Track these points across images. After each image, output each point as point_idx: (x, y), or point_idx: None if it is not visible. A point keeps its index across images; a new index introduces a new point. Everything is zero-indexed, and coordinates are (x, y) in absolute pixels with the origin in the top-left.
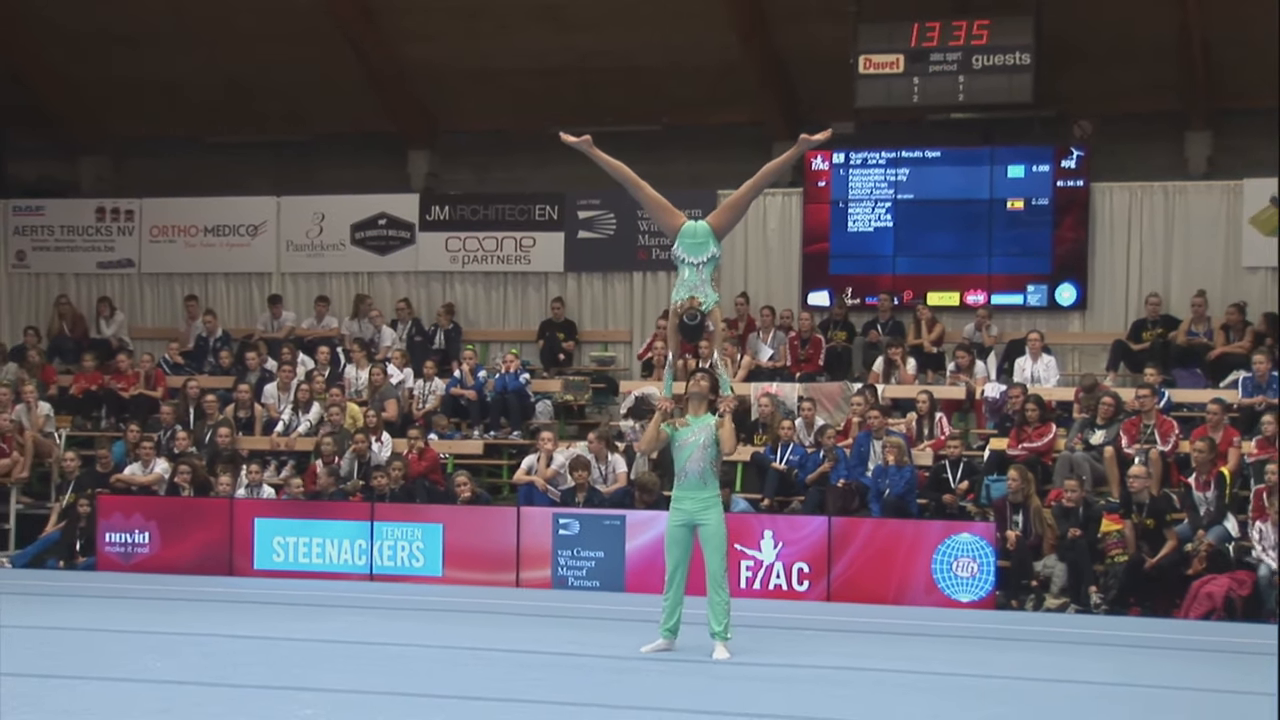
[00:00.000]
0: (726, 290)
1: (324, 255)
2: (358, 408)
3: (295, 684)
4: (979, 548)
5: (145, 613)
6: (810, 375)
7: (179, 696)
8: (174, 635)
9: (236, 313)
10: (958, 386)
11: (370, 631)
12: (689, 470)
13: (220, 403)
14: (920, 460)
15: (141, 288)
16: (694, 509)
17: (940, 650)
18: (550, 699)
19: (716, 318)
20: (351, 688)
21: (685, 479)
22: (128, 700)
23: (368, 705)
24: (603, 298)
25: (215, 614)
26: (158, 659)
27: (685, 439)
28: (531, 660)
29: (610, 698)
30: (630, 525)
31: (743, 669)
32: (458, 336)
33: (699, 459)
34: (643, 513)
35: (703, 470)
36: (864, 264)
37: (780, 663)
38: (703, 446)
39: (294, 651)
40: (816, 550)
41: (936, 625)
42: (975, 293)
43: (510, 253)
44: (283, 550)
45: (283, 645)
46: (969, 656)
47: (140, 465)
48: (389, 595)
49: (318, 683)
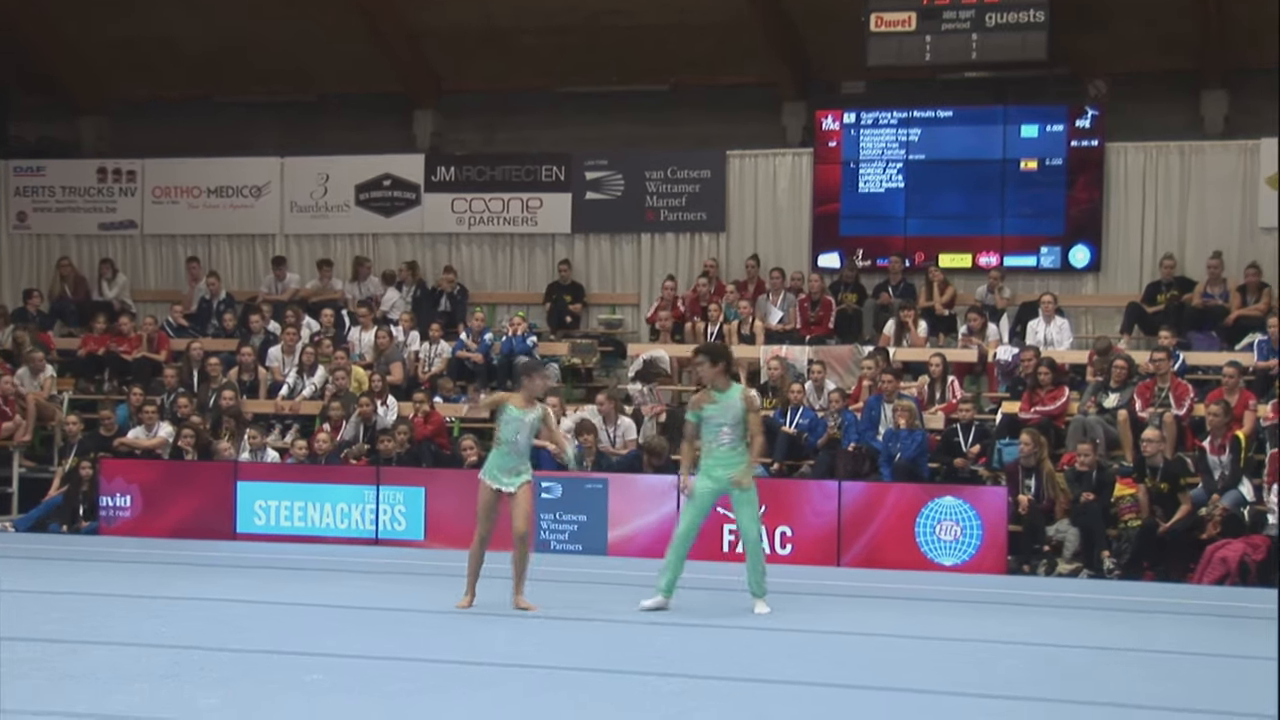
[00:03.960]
0: (735, 252)
1: (328, 217)
2: (363, 371)
3: (300, 649)
4: (962, 511)
5: (147, 577)
6: (820, 338)
7: (183, 661)
8: (177, 600)
9: (240, 275)
10: (970, 349)
11: (374, 596)
12: (720, 440)
13: (224, 366)
14: (931, 424)
15: (144, 249)
16: (726, 477)
17: (948, 616)
18: (563, 664)
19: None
20: (357, 652)
21: (717, 449)
22: (131, 665)
23: (374, 670)
24: (610, 260)
25: (218, 578)
26: (161, 623)
27: (713, 414)
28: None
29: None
30: (613, 489)
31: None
32: (463, 299)
33: (729, 432)
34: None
35: (734, 441)
36: (875, 225)
37: (794, 627)
38: (731, 423)
39: (298, 616)
40: (796, 514)
41: (941, 590)
42: (988, 254)
43: (516, 214)
44: (284, 514)
45: (286, 610)
46: (980, 622)
47: (143, 429)
48: (392, 560)
49: (323, 647)
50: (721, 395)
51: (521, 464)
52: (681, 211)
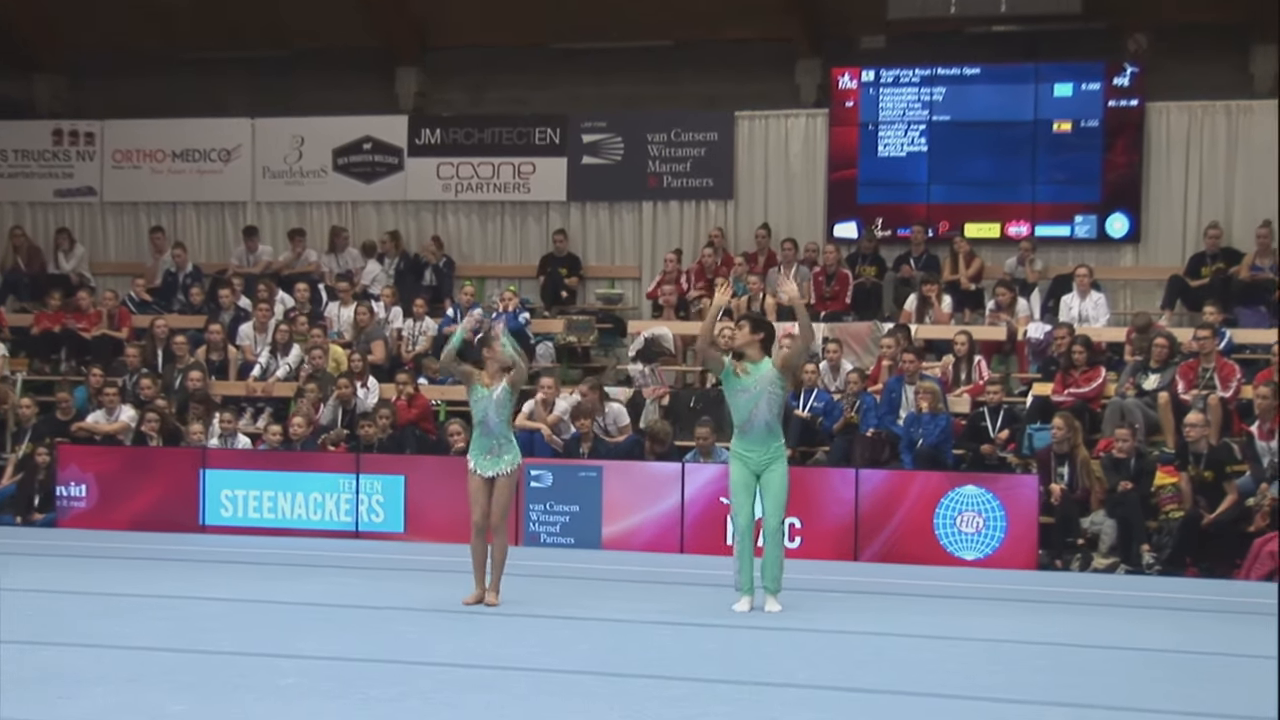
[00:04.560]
0: (745, 219)
1: (303, 183)
2: (341, 350)
3: (273, 650)
4: (985, 502)
5: (107, 572)
6: (837, 314)
7: (148, 663)
8: (140, 597)
9: (208, 246)
10: (998, 326)
11: (353, 593)
12: (754, 421)
13: (191, 344)
14: (956, 407)
15: (104, 218)
16: (759, 462)
17: (973, 615)
18: (558, 666)
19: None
20: (334, 654)
21: (749, 431)
22: (91, 667)
23: (354, 673)
24: (609, 229)
25: (184, 574)
26: (123, 622)
27: (746, 386)
28: (527, 625)
29: (626, 663)
30: (609, 477)
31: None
32: (450, 272)
33: (764, 409)
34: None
35: (769, 420)
36: (895, 192)
37: (807, 627)
38: (767, 395)
39: (270, 615)
40: (806, 504)
41: (965, 587)
42: (1018, 224)
43: (508, 180)
44: (253, 505)
45: (258, 608)
46: (1007, 622)
47: (104, 412)
48: (372, 554)
49: (298, 649)
50: (755, 367)
51: (499, 444)
52: (686, 178)
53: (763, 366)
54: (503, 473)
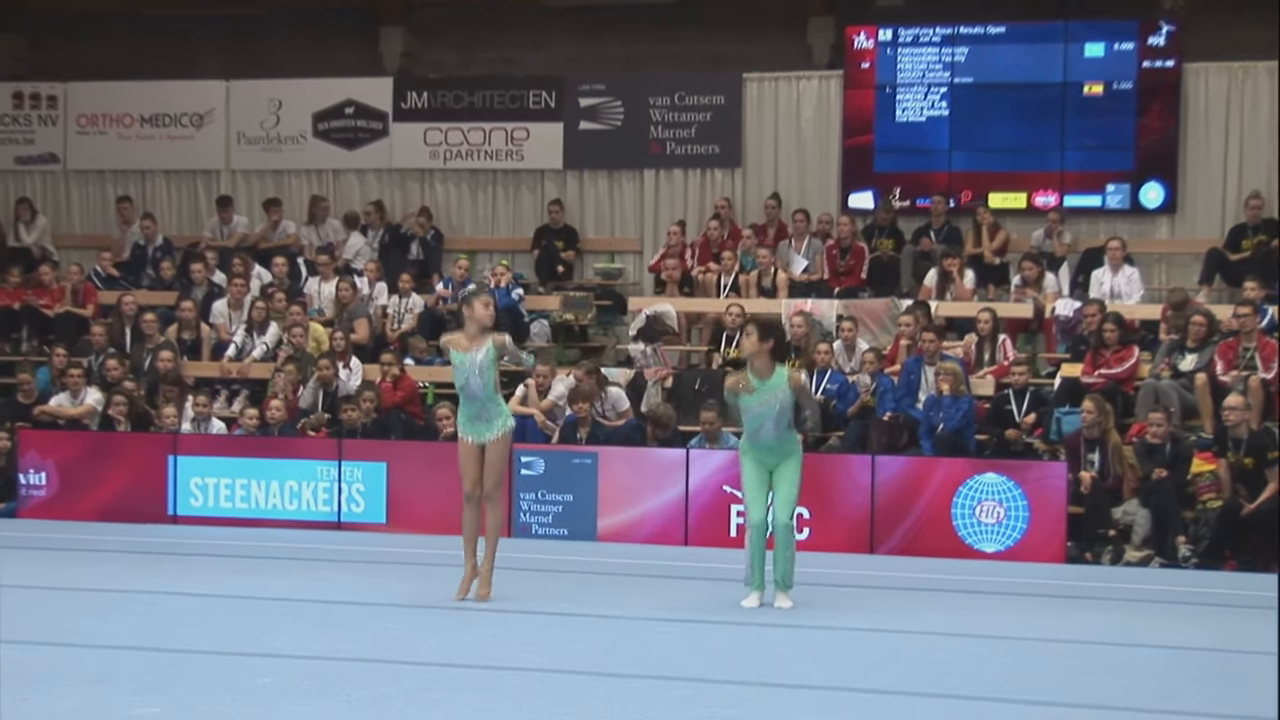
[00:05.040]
0: (753, 189)
1: (281, 150)
2: (322, 328)
3: (249, 649)
4: (1006, 490)
5: (71, 566)
6: (851, 290)
7: (116, 663)
8: (107, 592)
9: (179, 217)
10: (1024, 303)
11: (333, 589)
12: (762, 434)
13: (161, 322)
14: (979, 390)
15: (68, 187)
16: (770, 460)
17: (996, 611)
18: (554, 666)
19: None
20: (314, 653)
21: (759, 439)
22: (54, 668)
23: (335, 673)
24: (608, 200)
25: (154, 568)
26: (90, 619)
27: (754, 406)
28: (518, 621)
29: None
30: (605, 465)
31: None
32: (438, 245)
33: (772, 426)
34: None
35: (780, 430)
36: (915, 160)
37: (819, 624)
38: (777, 412)
39: (246, 611)
40: (818, 493)
41: (987, 581)
42: (1045, 193)
43: (500, 147)
44: (225, 494)
45: (233, 604)
46: (1035, 619)
47: (68, 395)
48: (353, 547)
49: (275, 647)
50: (763, 383)
51: (487, 409)
52: (690, 144)
53: (775, 381)
54: (495, 438)
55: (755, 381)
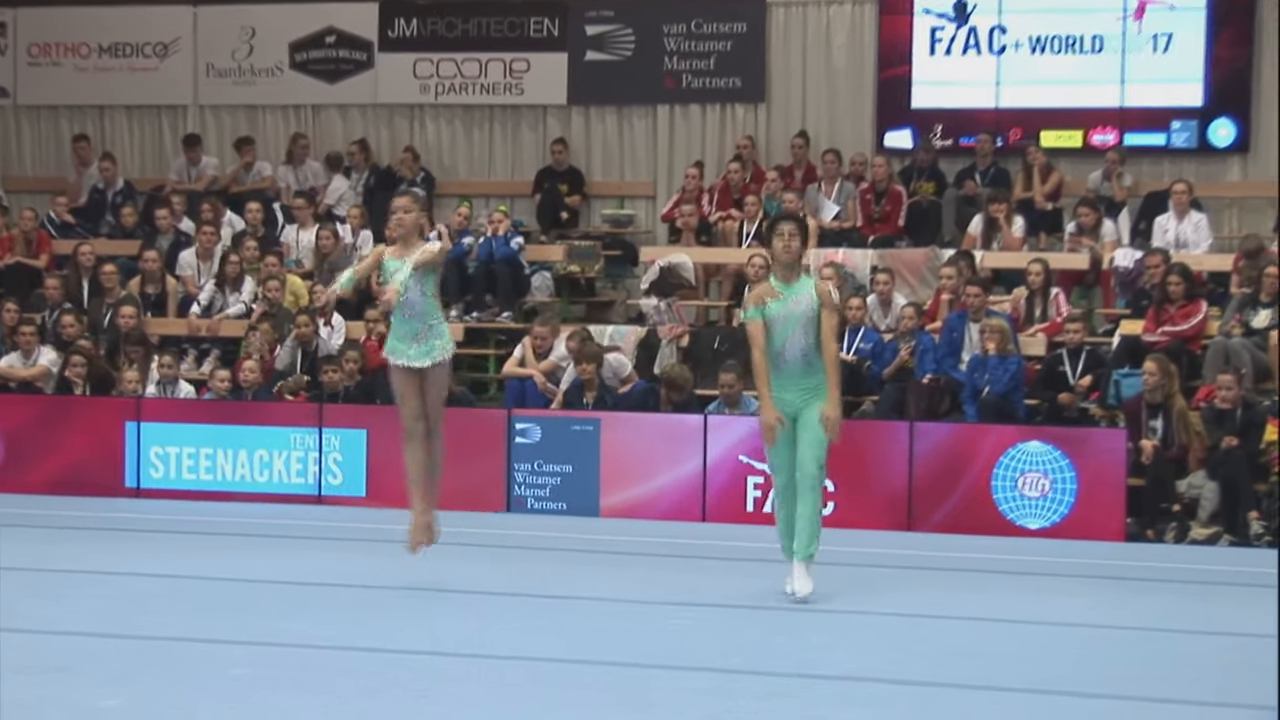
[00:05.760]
0: (779, 126)
1: (255, 83)
2: (301, 281)
3: (220, 636)
4: (1052, 460)
5: (22, 543)
6: (887, 239)
7: (76, 650)
8: (64, 573)
9: (142, 158)
10: (1079, 253)
11: (311, 569)
12: (788, 353)
13: (122, 274)
14: (1029, 349)
15: (18, 124)
16: (797, 400)
17: (1046, 594)
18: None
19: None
20: (291, 640)
21: (784, 365)
22: (9, 656)
23: (313, 662)
24: (617, 139)
25: (114, 546)
26: (46, 602)
27: (779, 312)
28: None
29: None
30: (609, 432)
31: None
32: (430, 189)
33: (800, 338)
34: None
35: (806, 350)
36: (958, 93)
37: (857, 609)
38: (804, 321)
39: (216, 594)
40: (850, 463)
41: (1039, 562)
42: (1103, 130)
43: (497, 80)
44: (189, 464)
45: (202, 586)
46: (1089, 602)
47: (19, 355)
48: (333, 523)
49: (248, 634)
50: (789, 289)
51: (425, 325)
52: (709, 77)
53: (802, 287)
54: (436, 361)
55: (780, 286)
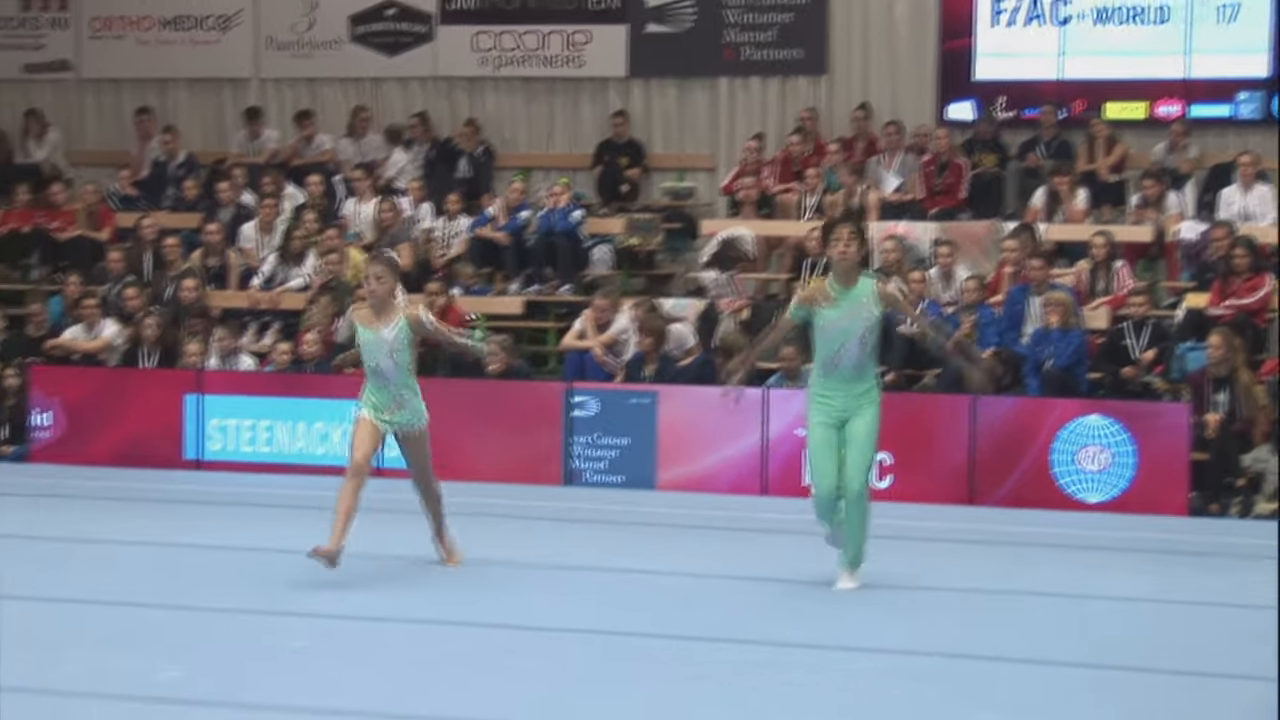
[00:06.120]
0: (841, 98)
1: (315, 56)
2: (361, 254)
3: (280, 608)
4: (1112, 434)
5: (87, 515)
6: (949, 211)
7: (133, 622)
8: (126, 545)
9: (204, 131)
10: (1143, 226)
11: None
12: (842, 362)
13: (184, 247)
14: (1092, 322)
15: (81, 98)
16: (846, 405)
17: (1109, 569)
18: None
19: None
20: (348, 613)
21: (835, 371)
22: (71, 627)
23: (373, 635)
24: (677, 111)
25: (175, 518)
26: (107, 574)
27: (834, 322)
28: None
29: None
30: (666, 404)
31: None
32: (489, 162)
33: (856, 349)
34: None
35: (861, 361)
36: (1021, 65)
37: (914, 584)
38: (861, 333)
39: (276, 566)
40: (911, 437)
41: (1099, 536)
42: (1168, 102)
43: (557, 52)
44: (247, 437)
45: (262, 558)
46: (1150, 578)
47: (83, 327)
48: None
49: (308, 606)
50: (846, 293)
51: (402, 397)
52: (770, 48)
53: (860, 290)
54: (414, 426)
55: (836, 290)
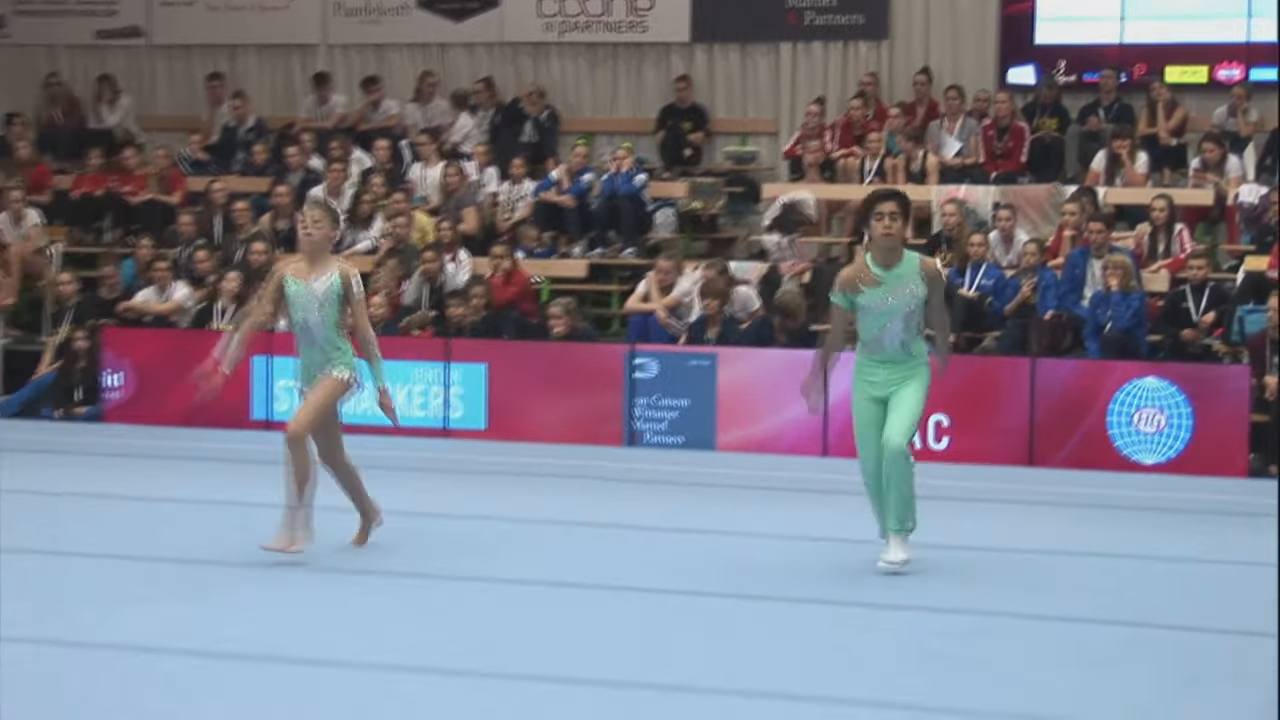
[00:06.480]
0: (901, 63)
1: (382, 22)
2: (427, 218)
3: (346, 566)
4: (1167, 396)
5: (159, 474)
6: (1010, 175)
7: (205, 579)
8: (197, 503)
9: (273, 96)
10: (1203, 189)
11: (436, 501)
12: (885, 341)
13: (254, 210)
14: (1152, 285)
15: (153, 64)
16: (890, 379)
17: (1166, 530)
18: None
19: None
20: (424, 571)
21: (879, 350)
22: (144, 582)
23: (443, 592)
24: (740, 76)
25: (245, 477)
26: (180, 531)
27: (874, 302)
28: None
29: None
30: (726, 366)
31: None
32: (554, 126)
33: (899, 329)
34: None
35: (906, 340)
36: (1082, 29)
37: (970, 544)
38: (905, 313)
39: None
40: (971, 399)
41: (1155, 498)
42: (1229, 66)
43: (621, 18)
44: None
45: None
46: (1208, 539)
47: (155, 290)
48: (456, 455)
49: (372, 565)
50: (889, 273)
51: (327, 356)
52: (832, 13)
53: (905, 268)
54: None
55: (878, 270)
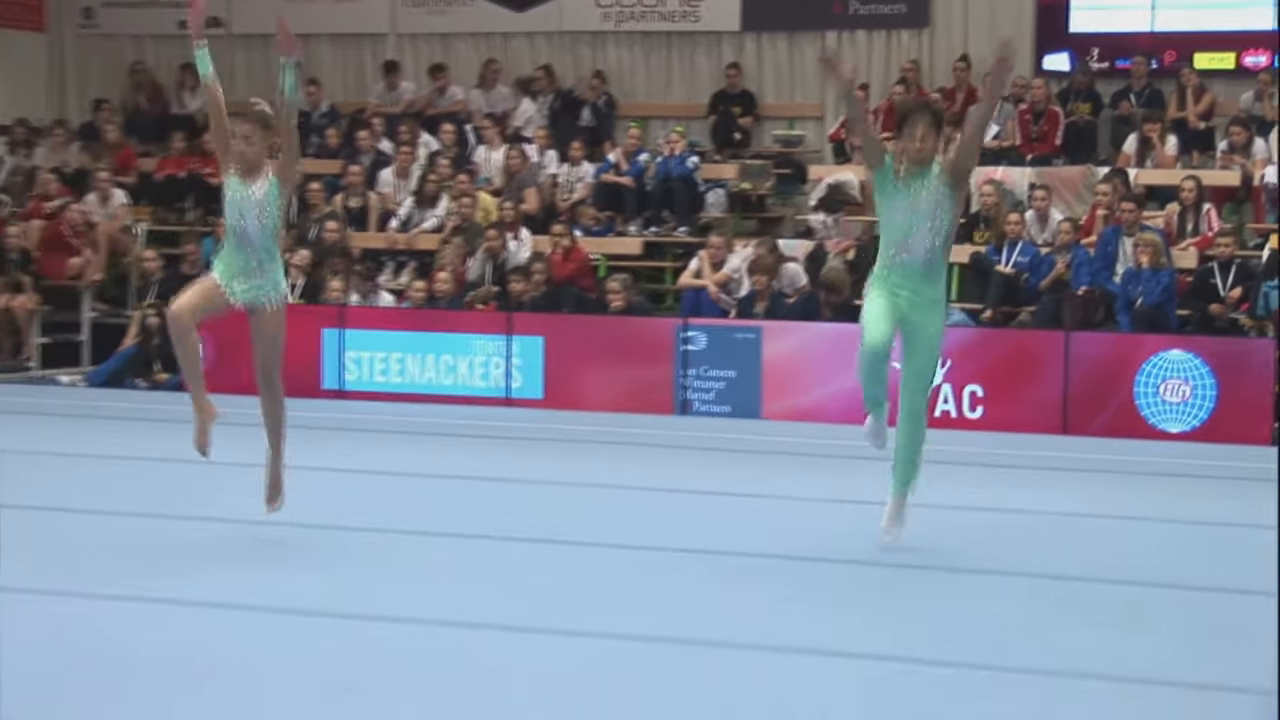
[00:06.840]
0: (942, 51)
1: (447, 12)
2: (490, 198)
3: (411, 526)
4: (1192, 368)
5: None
6: (1045, 158)
7: (272, 539)
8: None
9: (345, 82)
10: (1231, 170)
11: (493, 466)
12: (912, 248)
13: (326, 191)
14: (1181, 262)
15: (232, 53)
16: (911, 300)
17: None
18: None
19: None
20: (479, 531)
21: (903, 261)
22: (208, 544)
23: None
24: (788, 63)
25: (320, 443)
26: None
27: (907, 197)
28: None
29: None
30: (770, 339)
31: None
32: (611, 111)
33: (927, 234)
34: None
35: (931, 251)
36: (1114, 17)
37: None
38: (932, 213)
39: (417, 488)
40: (996, 370)
41: (1180, 464)
42: (1256, 52)
43: (674, 8)
44: (383, 369)
45: (403, 481)
46: (1231, 504)
47: None
48: (519, 423)
49: (434, 525)
50: (920, 172)
51: (262, 265)
52: (875, 4)
53: (930, 172)
54: (268, 303)
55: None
